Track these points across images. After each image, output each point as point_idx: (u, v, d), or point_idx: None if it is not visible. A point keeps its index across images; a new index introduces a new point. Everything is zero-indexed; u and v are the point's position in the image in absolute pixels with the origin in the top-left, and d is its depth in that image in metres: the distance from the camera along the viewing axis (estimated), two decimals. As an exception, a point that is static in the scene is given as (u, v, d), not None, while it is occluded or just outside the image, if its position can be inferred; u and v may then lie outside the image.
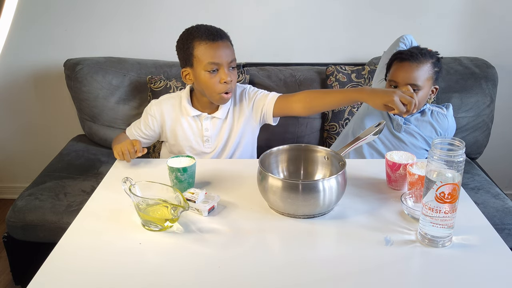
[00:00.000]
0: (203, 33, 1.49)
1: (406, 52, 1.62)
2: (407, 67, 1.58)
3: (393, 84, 1.62)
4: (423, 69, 1.58)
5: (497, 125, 2.25)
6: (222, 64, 1.49)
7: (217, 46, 1.49)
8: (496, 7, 2.21)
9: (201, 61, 1.49)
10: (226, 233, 1.12)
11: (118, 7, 2.23)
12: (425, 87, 1.59)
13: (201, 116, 1.61)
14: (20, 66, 2.35)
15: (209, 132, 1.62)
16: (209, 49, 1.48)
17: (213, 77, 1.50)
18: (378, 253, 1.04)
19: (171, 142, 1.67)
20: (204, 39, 1.48)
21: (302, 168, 1.34)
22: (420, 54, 1.59)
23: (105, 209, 1.22)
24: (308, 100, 1.56)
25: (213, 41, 1.48)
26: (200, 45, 1.49)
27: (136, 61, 2.19)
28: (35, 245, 1.73)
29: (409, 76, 1.57)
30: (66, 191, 1.82)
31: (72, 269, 1.00)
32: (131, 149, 1.44)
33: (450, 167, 0.99)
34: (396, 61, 1.63)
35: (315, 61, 2.29)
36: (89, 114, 2.14)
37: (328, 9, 2.23)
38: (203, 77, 1.50)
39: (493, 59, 2.17)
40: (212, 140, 1.63)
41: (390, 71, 1.65)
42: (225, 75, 1.49)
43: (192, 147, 1.63)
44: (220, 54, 1.49)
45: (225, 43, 1.52)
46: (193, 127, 1.63)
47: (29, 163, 2.54)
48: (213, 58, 1.48)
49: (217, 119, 1.62)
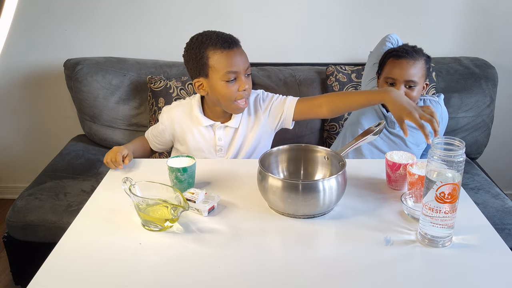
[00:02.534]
0: (216, 41, 1.43)
1: (401, 49, 1.65)
2: (404, 64, 1.61)
3: (389, 81, 1.64)
4: (418, 66, 1.62)
5: (497, 125, 2.25)
6: (240, 72, 1.45)
7: (234, 53, 1.43)
8: (496, 7, 2.20)
9: (218, 71, 1.43)
10: (226, 233, 1.12)
11: (118, 7, 2.23)
12: (420, 83, 1.64)
13: (214, 126, 1.56)
14: (20, 66, 2.35)
15: (222, 141, 1.57)
16: (225, 58, 1.42)
17: (231, 86, 1.45)
18: (378, 253, 1.04)
19: (181, 150, 1.63)
20: (219, 47, 1.42)
21: (302, 168, 1.34)
22: (414, 52, 1.63)
23: (105, 209, 1.22)
24: (332, 104, 1.50)
25: (229, 49, 1.43)
26: (215, 54, 1.43)
27: (136, 61, 2.19)
28: (35, 245, 1.73)
29: (406, 73, 1.60)
30: (66, 191, 1.82)
31: (72, 269, 1.00)
32: (119, 158, 1.42)
33: (450, 167, 0.99)
34: (391, 58, 1.65)
35: (315, 61, 2.29)
36: (89, 114, 2.14)
37: (328, 9, 2.23)
38: (220, 86, 1.45)
39: (493, 59, 2.17)
40: (224, 150, 1.59)
41: (384, 68, 1.68)
42: (243, 83, 1.45)
43: (205, 157, 1.59)
44: (237, 62, 1.44)
45: (239, 50, 1.47)
46: (206, 136, 1.58)
47: (29, 163, 2.54)
48: (231, 67, 1.43)
49: (230, 128, 1.57)
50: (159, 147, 1.70)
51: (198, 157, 1.57)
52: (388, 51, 1.69)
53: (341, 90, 2.07)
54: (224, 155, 1.60)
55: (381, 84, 1.69)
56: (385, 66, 1.67)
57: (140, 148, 1.67)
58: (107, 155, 1.44)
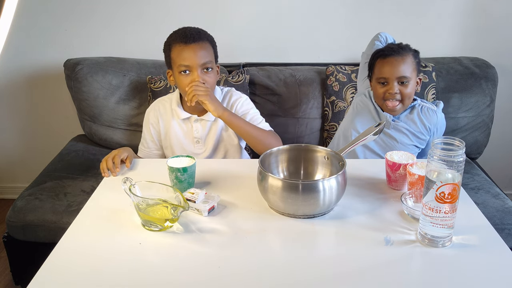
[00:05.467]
0: (179, 36, 1.54)
1: (386, 49, 1.67)
2: (393, 62, 1.62)
3: (382, 81, 1.65)
4: (407, 61, 1.63)
5: (497, 125, 2.25)
6: (192, 66, 1.53)
7: (189, 48, 1.52)
8: (496, 7, 2.20)
9: (175, 63, 1.55)
10: (226, 233, 1.12)
11: (118, 7, 2.23)
12: (413, 78, 1.65)
13: (191, 118, 1.66)
14: (20, 66, 2.35)
15: (199, 133, 1.65)
16: (181, 52, 1.53)
17: (185, 79, 1.54)
18: (378, 253, 1.04)
19: (164, 145, 1.71)
20: (179, 41, 1.53)
21: (302, 168, 1.34)
22: (400, 48, 1.64)
23: (105, 209, 1.22)
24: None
25: (186, 43, 1.52)
26: (175, 48, 1.54)
27: (136, 61, 2.19)
28: (35, 245, 1.73)
29: (397, 70, 1.62)
30: (66, 191, 1.82)
31: (72, 269, 1.00)
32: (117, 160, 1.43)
33: (450, 167, 0.99)
34: (379, 59, 1.66)
35: (315, 61, 2.28)
36: (89, 114, 2.14)
37: (328, 9, 2.22)
38: (177, 78, 1.57)
39: (493, 59, 2.17)
40: (202, 141, 1.67)
41: (374, 70, 1.69)
42: (195, 77, 1.53)
43: (184, 149, 1.67)
44: (190, 56, 1.52)
45: (198, 45, 1.54)
46: (184, 129, 1.67)
47: (29, 163, 2.54)
48: (183, 61, 1.53)
49: (207, 121, 1.65)
50: (158, 153, 1.75)
51: (179, 150, 1.67)
52: (374, 53, 1.70)
53: (341, 90, 2.07)
54: (203, 147, 1.67)
55: (374, 86, 1.70)
56: (374, 67, 1.69)
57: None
58: (104, 160, 1.44)
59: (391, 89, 1.63)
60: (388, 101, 1.66)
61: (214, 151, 1.68)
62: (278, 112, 2.10)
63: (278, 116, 2.10)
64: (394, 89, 1.63)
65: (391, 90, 1.63)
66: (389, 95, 1.65)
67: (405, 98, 1.65)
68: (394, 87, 1.63)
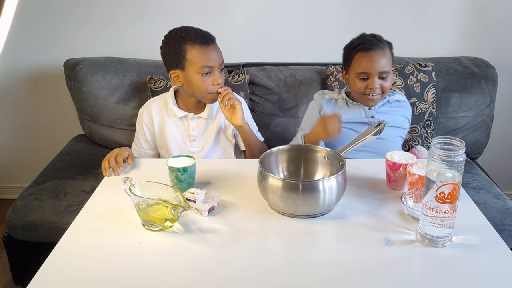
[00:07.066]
0: (195, 37, 1.54)
1: (366, 41, 1.60)
2: (374, 56, 1.57)
3: (362, 76, 1.60)
4: (387, 55, 1.60)
5: (497, 125, 2.25)
6: (214, 67, 1.55)
7: (210, 49, 1.55)
8: (496, 7, 2.20)
9: (195, 64, 1.53)
10: (226, 233, 1.12)
11: (118, 7, 2.23)
12: (391, 72, 1.62)
13: (188, 117, 1.67)
14: (20, 66, 2.35)
15: (195, 131, 1.67)
16: (203, 53, 1.53)
17: (206, 79, 1.55)
18: (378, 253, 1.04)
19: (159, 144, 1.72)
20: (197, 42, 1.53)
21: (302, 168, 1.34)
22: (379, 41, 1.60)
23: (105, 209, 1.22)
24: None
25: (206, 45, 1.54)
26: (193, 49, 1.53)
27: (136, 61, 2.19)
28: (35, 245, 1.73)
29: (379, 65, 1.57)
30: (66, 191, 1.82)
31: (72, 269, 1.00)
32: (120, 159, 1.44)
33: (450, 167, 0.99)
34: (360, 52, 1.60)
35: (315, 61, 2.28)
36: (89, 114, 2.14)
37: (328, 9, 2.22)
38: (196, 79, 1.55)
39: (493, 59, 2.16)
40: (199, 140, 1.67)
41: (353, 64, 1.61)
42: (217, 77, 1.56)
43: (180, 147, 1.68)
44: (213, 57, 1.55)
45: (215, 46, 1.58)
46: (180, 127, 1.68)
47: (29, 163, 2.54)
48: (207, 62, 1.53)
49: (204, 119, 1.67)
50: (151, 153, 1.76)
51: (175, 149, 1.68)
52: (353, 45, 1.63)
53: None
54: (199, 145, 1.68)
55: (352, 81, 1.63)
56: (353, 61, 1.61)
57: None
58: (105, 159, 1.44)
59: (372, 84, 1.58)
60: (368, 95, 1.61)
61: (210, 150, 1.68)
62: (278, 112, 2.10)
63: (278, 116, 2.10)
64: (375, 84, 1.57)
65: (372, 85, 1.58)
66: (370, 90, 1.59)
67: (385, 91, 1.61)
68: (375, 82, 1.58)
